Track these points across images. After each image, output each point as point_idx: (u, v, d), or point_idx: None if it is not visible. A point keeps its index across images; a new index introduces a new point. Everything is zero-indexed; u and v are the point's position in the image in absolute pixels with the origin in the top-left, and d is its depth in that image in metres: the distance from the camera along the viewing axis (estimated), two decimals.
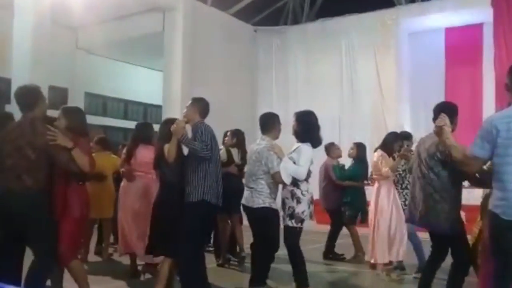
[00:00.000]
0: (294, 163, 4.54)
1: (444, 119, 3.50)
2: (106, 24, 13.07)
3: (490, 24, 11.59)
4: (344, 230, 7.24)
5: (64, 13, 11.56)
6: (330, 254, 7.09)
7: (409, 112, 12.99)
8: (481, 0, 11.37)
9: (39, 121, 3.74)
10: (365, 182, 7.23)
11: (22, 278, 3.65)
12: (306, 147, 4.54)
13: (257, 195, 4.68)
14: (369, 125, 12.74)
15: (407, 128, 11.88)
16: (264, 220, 4.69)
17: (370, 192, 6.38)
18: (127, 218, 5.31)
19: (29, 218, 3.57)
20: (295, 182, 4.53)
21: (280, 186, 4.74)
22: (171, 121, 4.62)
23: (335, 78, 13.68)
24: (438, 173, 3.89)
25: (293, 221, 4.52)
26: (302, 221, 4.50)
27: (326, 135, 13.11)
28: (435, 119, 4.15)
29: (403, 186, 5.95)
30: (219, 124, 5.38)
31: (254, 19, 15.01)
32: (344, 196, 7.04)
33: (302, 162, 4.49)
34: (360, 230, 7.02)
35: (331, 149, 7.32)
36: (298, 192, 4.53)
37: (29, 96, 3.81)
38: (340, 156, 7.41)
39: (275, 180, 4.62)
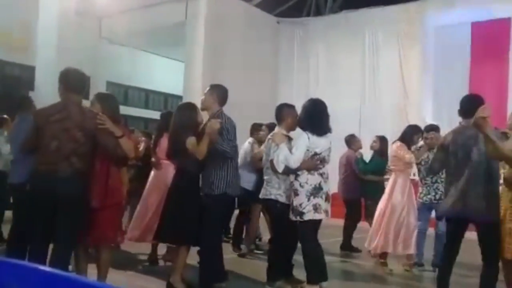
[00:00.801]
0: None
1: (489, 109, 3.30)
2: (129, 14, 13.13)
3: None
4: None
5: (88, 2, 11.64)
6: (346, 247, 7.05)
7: (432, 106, 12.79)
8: None
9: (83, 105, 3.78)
10: (386, 176, 7.20)
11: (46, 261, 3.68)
12: (302, 135, 4.40)
13: (266, 186, 4.66)
14: (390, 118, 12.60)
15: (430, 122, 11.70)
16: (269, 212, 4.69)
17: None
18: (157, 206, 5.29)
19: (72, 201, 3.54)
20: (296, 173, 4.38)
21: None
22: (188, 107, 4.56)
23: (357, 71, 13.54)
24: (489, 162, 3.82)
25: (292, 215, 4.38)
26: (300, 214, 4.29)
27: (347, 128, 13.02)
28: (462, 111, 4.09)
29: (434, 180, 5.78)
30: (240, 114, 5.38)
31: (277, 10, 14.92)
32: (364, 188, 7.01)
33: (294, 150, 4.36)
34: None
35: (351, 141, 7.32)
36: (296, 184, 4.37)
37: (81, 80, 3.78)
38: (360, 148, 7.40)
39: (271, 167, 4.54)
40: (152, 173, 5.60)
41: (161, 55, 16.54)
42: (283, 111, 4.86)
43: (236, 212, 6.67)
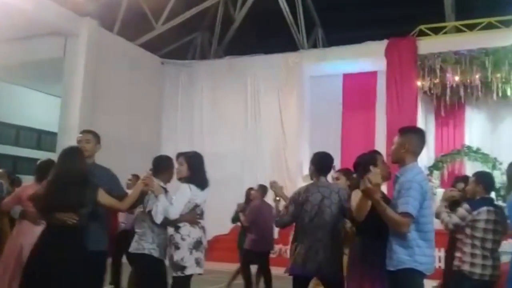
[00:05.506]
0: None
1: (379, 175, 3.23)
2: (1, 45, 12.22)
3: (383, 72, 12.51)
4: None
5: None
6: None
7: (308, 151, 13.45)
8: (376, 50, 12.29)
9: None
10: None
11: None
12: (184, 187, 4.32)
13: (138, 239, 4.41)
14: (270, 162, 13.00)
15: (306, 167, 12.31)
16: (139, 268, 4.47)
17: None
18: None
19: None
20: (176, 226, 4.25)
21: None
22: (77, 152, 4.12)
23: (240, 115, 13.87)
24: (338, 221, 4.03)
25: (172, 269, 4.23)
26: (182, 268, 4.15)
27: (230, 170, 13.05)
28: (317, 169, 4.33)
29: None
30: (120, 156, 5.18)
31: (161, 51, 14.92)
32: None
33: (174, 201, 4.24)
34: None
35: (265, 190, 7.43)
36: (177, 237, 4.24)
37: None
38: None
39: (150, 219, 4.33)
40: (22, 226, 4.73)
41: (35, 90, 15.55)
42: (164, 163, 4.72)
43: None
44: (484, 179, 4.73)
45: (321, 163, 4.34)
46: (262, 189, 7.48)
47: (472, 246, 4.37)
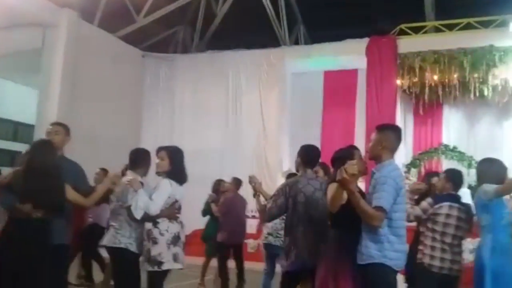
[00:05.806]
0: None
1: (355, 166, 3.22)
2: None
3: (364, 70, 12.61)
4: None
5: None
6: None
7: (288, 148, 13.50)
8: (357, 48, 12.37)
9: None
10: None
11: None
12: (164, 182, 4.28)
13: (115, 233, 4.37)
14: (250, 159, 13.00)
15: (286, 164, 12.37)
16: (116, 262, 4.43)
17: None
18: None
19: None
20: (154, 221, 4.19)
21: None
22: (49, 145, 4.09)
23: (220, 110, 13.83)
24: (326, 215, 4.05)
25: (148, 264, 4.18)
26: (159, 264, 4.10)
27: (209, 168, 13.04)
28: (305, 161, 4.35)
29: None
30: (98, 149, 5.12)
31: (143, 44, 14.77)
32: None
33: (155, 197, 4.19)
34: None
35: (239, 183, 7.48)
36: (155, 231, 4.18)
37: None
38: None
39: (128, 214, 4.30)
40: None
41: (11, 80, 15.26)
42: (142, 156, 4.69)
43: None
44: (454, 177, 4.83)
45: (308, 155, 4.38)
46: (236, 182, 7.52)
47: (432, 239, 4.48)
